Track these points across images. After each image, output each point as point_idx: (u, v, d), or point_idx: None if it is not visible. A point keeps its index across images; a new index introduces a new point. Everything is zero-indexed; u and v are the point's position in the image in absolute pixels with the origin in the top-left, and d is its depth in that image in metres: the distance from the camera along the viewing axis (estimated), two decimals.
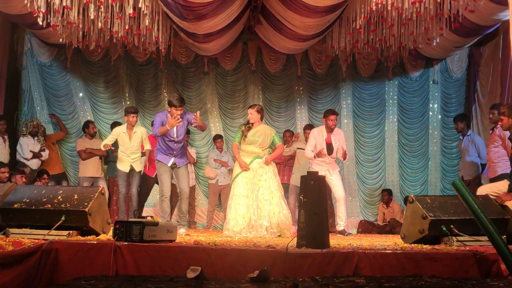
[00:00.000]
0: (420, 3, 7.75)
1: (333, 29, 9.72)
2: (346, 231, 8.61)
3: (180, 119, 7.34)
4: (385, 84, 11.97)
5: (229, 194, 10.19)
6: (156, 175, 9.32)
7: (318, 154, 8.39)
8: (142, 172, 9.39)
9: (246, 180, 7.67)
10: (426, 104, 11.90)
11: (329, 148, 8.58)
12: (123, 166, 9.08)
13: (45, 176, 9.58)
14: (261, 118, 8.00)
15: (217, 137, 11.05)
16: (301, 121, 11.81)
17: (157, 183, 9.70)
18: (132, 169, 9.08)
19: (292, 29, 9.16)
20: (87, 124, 10.43)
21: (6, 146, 9.60)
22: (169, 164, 7.58)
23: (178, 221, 7.78)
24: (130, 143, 9.04)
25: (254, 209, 7.50)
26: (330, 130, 8.61)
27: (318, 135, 8.65)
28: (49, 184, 9.39)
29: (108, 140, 9.10)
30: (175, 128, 7.53)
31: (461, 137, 9.56)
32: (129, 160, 9.06)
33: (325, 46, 10.78)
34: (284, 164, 10.59)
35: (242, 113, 11.63)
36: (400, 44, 9.73)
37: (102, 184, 9.92)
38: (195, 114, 7.52)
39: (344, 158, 8.51)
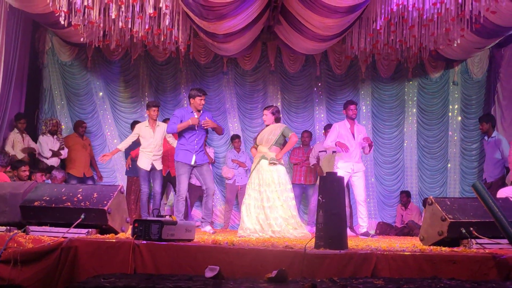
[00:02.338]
0: (441, 4, 7.70)
1: (353, 29, 9.68)
2: (370, 233, 8.60)
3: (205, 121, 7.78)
4: (404, 85, 11.89)
5: None
6: (168, 174, 9.42)
7: (341, 145, 8.43)
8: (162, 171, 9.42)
9: (254, 181, 7.67)
10: (446, 106, 11.81)
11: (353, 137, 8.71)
12: (144, 164, 9.10)
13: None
14: (276, 120, 7.94)
15: (235, 137, 11.07)
16: (319, 121, 11.78)
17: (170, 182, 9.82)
18: (153, 168, 9.11)
19: (311, 30, 9.14)
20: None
21: (24, 145, 9.67)
22: (192, 163, 7.66)
23: (203, 218, 7.89)
24: (154, 137, 9.10)
25: (260, 210, 7.50)
26: (352, 121, 8.77)
27: (341, 127, 8.77)
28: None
29: (130, 139, 9.15)
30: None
31: (486, 138, 9.47)
32: (150, 157, 9.09)
33: (345, 47, 10.73)
34: (301, 165, 10.59)
35: (261, 113, 11.50)
36: (421, 45, 9.66)
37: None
38: (205, 119, 7.69)
39: (370, 146, 8.70)
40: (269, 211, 7.42)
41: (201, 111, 7.89)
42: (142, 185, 9.19)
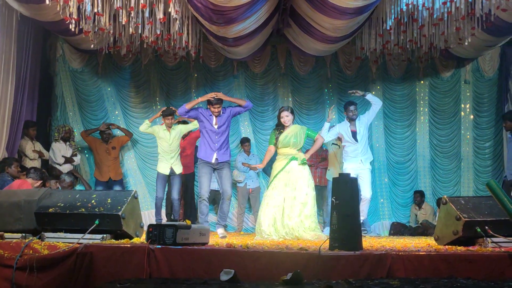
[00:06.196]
0: (451, 3, 7.68)
1: (363, 30, 9.66)
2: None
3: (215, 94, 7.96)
4: (415, 85, 11.84)
5: (258, 197, 10.25)
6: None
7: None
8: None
9: (279, 181, 7.66)
10: (457, 105, 11.74)
11: (354, 136, 9.07)
12: (163, 168, 9.21)
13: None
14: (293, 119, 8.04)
15: (245, 141, 11.08)
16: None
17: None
18: (172, 172, 9.17)
19: (321, 31, 9.11)
20: None
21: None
22: (212, 160, 7.72)
23: (218, 221, 7.92)
24: (170, 139, 9.24)
25: (278, 210, 7.50)
26: (351, 120, 9.15)
27: (342, 127, 9.23)
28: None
29: (149, 127, 9.42)
30: (214, 118, 7.88)
31: (509, 135, 9.39)
32: (168, 161, 9.17)
33: (355, 48, 10.68)
34: (316, 166, 10.56)
35: (272, 115, 11.63)
36: (431, 45, 9.63)
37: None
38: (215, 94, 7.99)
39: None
40: (288, 211, 7.45)
41: (221, 112, 7.97)
42: (157, 189, 9.22)
